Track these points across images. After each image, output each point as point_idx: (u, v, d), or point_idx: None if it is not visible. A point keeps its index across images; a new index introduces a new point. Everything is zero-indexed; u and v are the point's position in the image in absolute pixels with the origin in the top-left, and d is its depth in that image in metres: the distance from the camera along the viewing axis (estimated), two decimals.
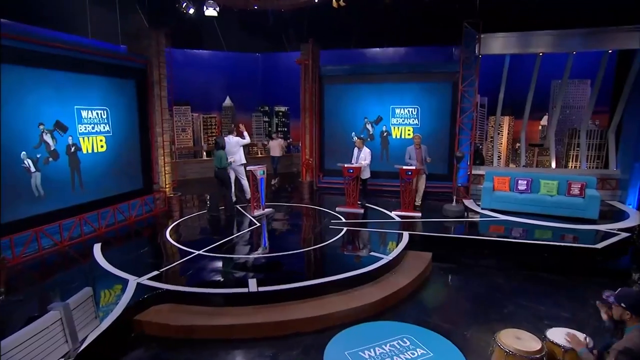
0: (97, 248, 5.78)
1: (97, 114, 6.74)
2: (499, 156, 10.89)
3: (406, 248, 5.88)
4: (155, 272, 4.83)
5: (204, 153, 14.08)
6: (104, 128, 6.89)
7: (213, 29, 12.34)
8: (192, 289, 4.43)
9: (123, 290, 4.34)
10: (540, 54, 8.50)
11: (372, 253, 5.60)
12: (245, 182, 8.30)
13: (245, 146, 8.52)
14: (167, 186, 8.25)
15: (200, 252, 5.54)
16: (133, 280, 4.58)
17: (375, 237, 6.49)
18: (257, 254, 5.59)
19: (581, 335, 2.74)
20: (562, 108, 9.94)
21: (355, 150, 8.33)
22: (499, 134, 10.06)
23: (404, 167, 7.58)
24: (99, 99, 6.75)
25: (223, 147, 7.64)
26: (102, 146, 6.84)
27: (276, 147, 11.54)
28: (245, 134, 8.42)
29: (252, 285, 4.48)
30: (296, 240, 6.51)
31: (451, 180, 9.50)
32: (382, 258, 5.36)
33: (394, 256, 5.47)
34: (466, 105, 8.84)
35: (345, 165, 7.81)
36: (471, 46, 8.46)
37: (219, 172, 7.54)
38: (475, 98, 8.63)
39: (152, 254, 5.85)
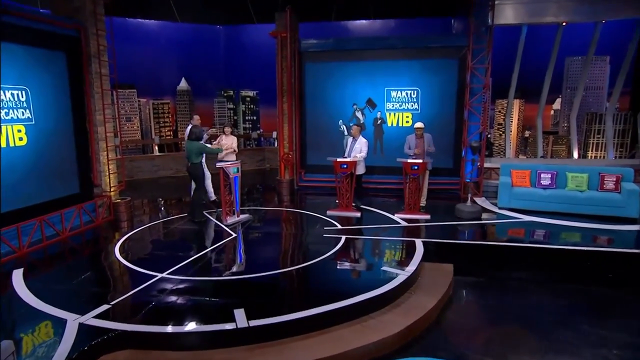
0: (17, 275, 4.98)
1: (13, 95, 5.87)
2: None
3: (422, 260, 5.48)
4: (105, 307, 4.11)
5: (156, 148, 13.17)
6: (22, 114, 6.03)
7: None
8: (158, 327, 3.76)
9: (59, 336, 3.61)
10: (563, 24, 8.30)
11: (383, 268, 5.17)
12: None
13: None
14: (112, 189, 7.53)
15: (164, 274, 4.90)
16: (73, 320, 3.85)
17: (382, 247, 6.09)
18: (239, 275, 4.98)
19: None
20: (577, 90, 9.89)
21: (349, 140, 7.96)
22: (510, 120, 9.85)
23: (409, 161, 7.20)
24: (14, 75, 5.90)
25: (199, 139, 7.18)
26: (20, 138, 5.99)
27: (228, 144, 7.89)
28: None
29: (240, 318, 3.87)
30: (285, 255, 6.02)
31: (457, 175, 9.26)
32: (398, 274, 4.92)
33: (412, 271, 5.03)
34: (476, 86, 8.58)
35: (338, 160, 7.36)
36: (482, 15, 8.17)
37: (192, 168, 7.14)
38: (488, 77, 8.35)
39: (97, 280, 5.09)
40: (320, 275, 5.12)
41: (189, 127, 7.84)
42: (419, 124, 7.73)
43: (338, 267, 5.36)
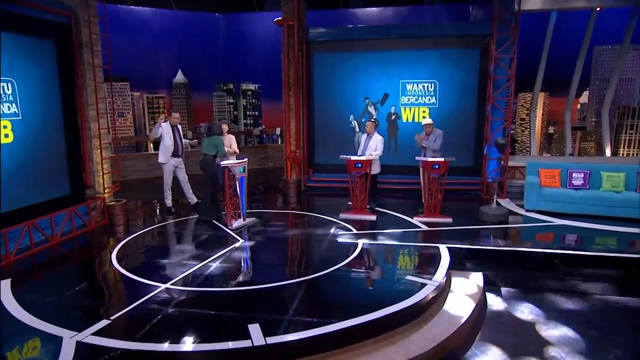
0: (4, 287, 4.80)
1: None
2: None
3: (449, 268, 5.32)
4: (104, 323, 3.93)
5: (151, 145, 13.05)
6: (8, 109, 5.87)
7: None
8: (165, 345, 3.57)
9: (55, 355, 3.42)
10: (597, 9, 8.11)
11: (408, 277, 5.00)
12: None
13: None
14: (105, 191, 7.37)
15: (168, 285, 4.73)
16: (70, 338, 3.67)
17: (404, 253, 5.94)
18: (250, 286, 4.80)
19: None
20: (607, 82, 9.73)
21: (363, 137, 7.85)
22: (534, 115, 9.69)
23: (430, 160, 7.06)
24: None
25: (219, 134, 7.24)
26: (6, 135, 5.83)
27: (226, 144, 7.76)
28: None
29: (256, 334, 3.68)
30: (298, 263, 5.87)
31: (479, 174, 9.12)
32: (426, 284, 4.73)
33: (441, 280, 4.86)
34: (500, 78, 8.42)
35: (352, 158, 7.20)
36: (507, 0, 8.01)
37: (207, 161, 7.13)
38: (514, 67, 8.18)
39: (93, 292, 4.90)
40: (339, 286, 4.94)
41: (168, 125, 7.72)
42: (426, 121, 7.60)
43: (357, 276, 5.19)
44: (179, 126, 7.83)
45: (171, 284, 4.74)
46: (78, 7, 6.86)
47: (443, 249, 5.75)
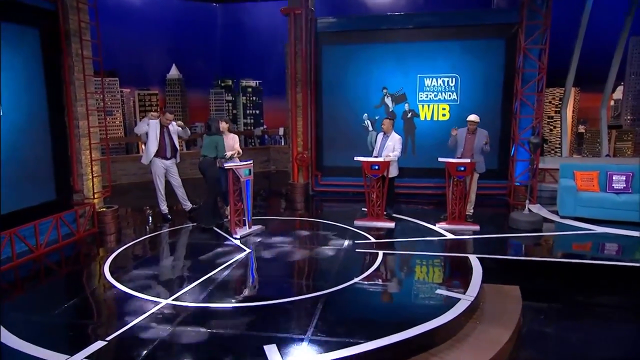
0: None
1: None
2: (560, 142, 10.43)
3: (483, 281, 5.15)
4: (99, 344, 3.75)
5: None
6: None
7: None
8: None
9: None
10: None
11: (437, 291, 4.86)
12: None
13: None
14: (95, 196, 7.25)
15: (169, 300, 4.56)
16: None
17: (430, 264, 5.81)
18: (261, 301, 4.63)
19: None
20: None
21: (379, 136, 7.76)
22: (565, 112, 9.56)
23: (454, 161, 6.92)
24: None
25: (218, 132, 7.05)
26: None
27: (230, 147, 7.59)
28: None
29: (274, 358, 3.49)
30: (312, 275, 5.74)
31: (505, 177, 8.99)
32: (459, 299, 4.58)
33: (475, 295, 4.70)
34: (529, 71, 8.30)
35: (369, 160, 7.08)
36: None
37: (206, 163, 6.99)
38: (545, 59, 8.05)
39: (85, 309, 4.74)
40: (362, 301, 4.78)
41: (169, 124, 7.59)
42: (473, 117, 7.38)
43: (381, 290, 5.06)
44: (172, 127, 7.62)
45: (173, 300, 4.58)
46: None
47: (474, 260, 5.62)
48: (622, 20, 8.57)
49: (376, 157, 7.32)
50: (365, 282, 5.09)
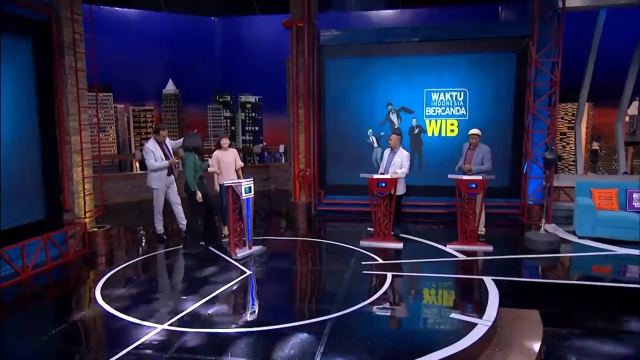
0: None
1: None
2: (574, 160, 10.39)
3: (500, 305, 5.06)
4: None
5: (137, 164, 12.96)
6: None
7: None
8: None
9: None
10: None
11: (452, 315, 4.76)
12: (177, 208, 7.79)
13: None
14: (87, 215, 7.19)
15: (165, 326, 4.47)
16: None
17: (442, 287, 5.74)
18: (264, 327, 4.53)
19: None
20: None
21: (385, 152, 7.76)
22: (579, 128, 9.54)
23: (465, 178, 6.90)
24: None
25: (198, 149, 6.87)
26: None
27: (230, 161, 7.65)
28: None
29: None
30: (317, 298, 5.67)
31: (517, 196, 8.92)
32: (476, 324, 4.49)
33: (493, 319, 4.62)
34: (541, 85, 8.32)
35: (375, 177, 7.05)
36: None
37: (187, 187, 6.89)
38: (559, 72, 8.07)
39: (75, 335, 4.65)
40: (372, 325, 4.70)
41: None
42: (474, 130, 7.42)
43: (392, 314, 4.98)
44: (169, 142, 7.64)
45: (169, 325, 4.49)
46: (59, 3, 6.79)
47: (489, 282, 5.55)
48: (638, 33, 8.60)
49: (382, 173, 7.27)
50: (375, 306, 5.00)
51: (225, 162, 7.48)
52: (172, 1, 12.40)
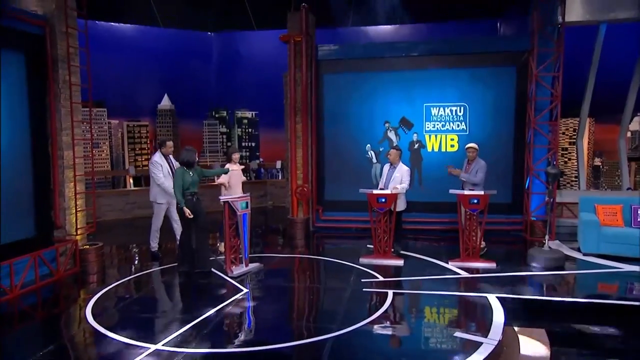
0: None
1: None
2: (576, 175, 10.40)
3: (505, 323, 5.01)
4: None
5: (131, 181, 12.94)
6: None
7: None
8: None
9: None
10: None
11: (456, 334, 4.70)
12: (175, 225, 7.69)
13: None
14: (78, 232, 7.11)
15: (158, 346, 4.39)
16: None
17: (445, 305, 5.66)
18: (261, 346, 4.48)
19: None
20: None
21: (385, 167, 7.73)
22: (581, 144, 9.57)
23: (466, 193, 6.90)
24: None
25: (189, 164, 6.74)
26: None
27: (239, 176, 7.70)
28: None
29: None
30: (317, 317, 5.60)
31: (519, 212, 8.91)
32: (482, 343, 4.44)
33: (498, 338, 4.58)
34: (542, 99, 8.37)
35: (374, 192, 7.03)
36: (549, 11, 8.08)
37: (186, 203, 6.68)
38: (560, 86, 8.11)
39: (64, 356, 4.56)
40: (374, 345, 4.64)
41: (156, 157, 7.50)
42: (471, 144, 7.51)
43: (394, 333, 4.91)
44: (171, 156, 7.64)
45: (163, 345, 4.40)
46: (54, 17, 6.77)
47: (493, 300, 5.50)
48: (638, 48, 8.68)
49: (382, 189, 7.23)
50: (376, 325, 4.94)
51: (235, 176, 7.47)
52: (169, 17, 12.49)
